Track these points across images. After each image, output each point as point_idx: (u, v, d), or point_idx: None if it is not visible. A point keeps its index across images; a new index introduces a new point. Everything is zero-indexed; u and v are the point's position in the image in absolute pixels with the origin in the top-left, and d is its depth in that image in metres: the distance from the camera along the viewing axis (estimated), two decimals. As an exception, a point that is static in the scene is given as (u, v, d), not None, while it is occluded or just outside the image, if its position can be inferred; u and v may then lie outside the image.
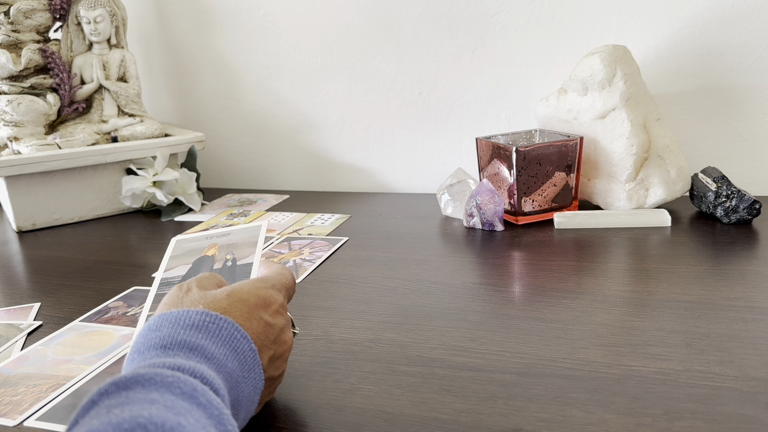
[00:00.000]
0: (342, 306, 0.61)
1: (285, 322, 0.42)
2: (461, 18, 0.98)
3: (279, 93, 1.15)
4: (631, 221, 0.79)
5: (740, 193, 0.76)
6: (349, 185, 1.14)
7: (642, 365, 0.47)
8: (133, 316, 0.63)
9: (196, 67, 1.20)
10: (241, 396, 0.37)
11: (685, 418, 0.40)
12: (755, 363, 0.46)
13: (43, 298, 0.69)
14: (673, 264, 0.66)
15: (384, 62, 1.05)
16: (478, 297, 0.61)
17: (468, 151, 1.03)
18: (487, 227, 0.81)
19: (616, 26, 0.91)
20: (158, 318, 0.38)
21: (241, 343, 0.37)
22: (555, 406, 0.42)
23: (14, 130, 0.98)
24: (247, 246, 0.52)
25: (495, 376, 0.47)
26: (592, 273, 0.65)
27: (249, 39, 1.14)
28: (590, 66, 0.80)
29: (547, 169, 0.81)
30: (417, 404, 0.44)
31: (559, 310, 0.57)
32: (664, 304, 0.56)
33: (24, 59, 0.98)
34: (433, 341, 0.53)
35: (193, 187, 1.03)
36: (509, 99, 1.00)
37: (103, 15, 1.02)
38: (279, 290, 0.44)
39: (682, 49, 0.89)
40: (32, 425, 0.45)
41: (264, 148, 1.19)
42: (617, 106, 0.80)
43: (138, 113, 1.07)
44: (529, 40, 0.96)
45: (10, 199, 0.94)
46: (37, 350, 0.57)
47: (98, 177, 1.00)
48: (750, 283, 0.60)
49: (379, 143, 1.10)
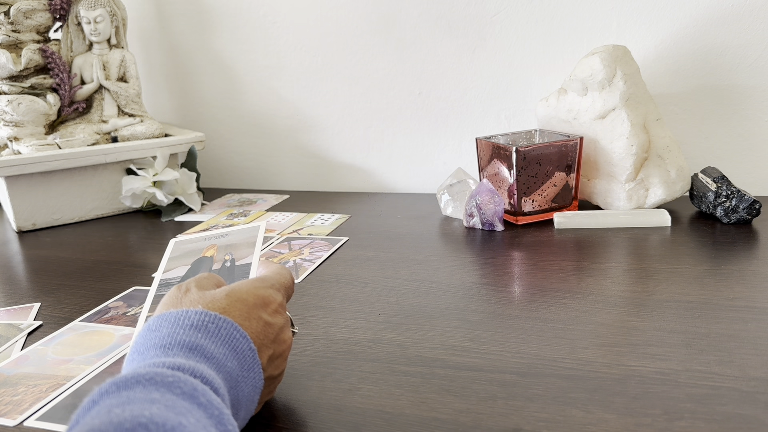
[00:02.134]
0: (342, 306, 0.61)
1: (284, 321, 0.43)
2: (461, 18, 0.98)
3: (279, 93, 1.15)
4: (631, 221, 0.79)
5: (740, 193, 0.76)
6: (349, 185, 1.14)
7: (642, 365, 0.47)
8: (133, 316, 0.63)
9: (196, 67, 1.20)
10: (241, 395, 0.37)
11: (685, 418, 0.40)
12: (755, 363, 0.46)
13: (43, 298, 0.69)
14: (673, 264, 0.66)
15: (384, 62, 1.05)
16: (478, 297, 0.61)
17: (468, 151, 1.03)
18: (487, 227, 0.81)
19: (616, 26, 0.91)
20: (158, 318, 0.38)
21: (241, 343, 0.38)
22: (555, 406, 0.42)
23: (14, 130, 0.98)
24: (245, 246, 0.52)
25: (495, 376, 0.47)
26: (592, 273, 0.65)
27: (249, 39, 1.14)
28: (590, 66, 0.80)
29: (547, 169, 0.81)
30: (417, 404, 0.44)
31: (559, 310, 0.57)
32: (664, 304, 0.56)
33: (24, 59, 0.98)
34: (433, 341, 0.53)
35: (193, 187, 1.03)
36: (509, 99, 1.00)
37: (103, 15, 1.02)
38: (278, 290, 0.44)
39: (682, 49, 0.89)
40: (32, 425, 0.45)
41: (264, 148, 1.19)
42: (617, 106, 0.80)
43: (138, 113, 1.07)
44: (529, 40, 0.96)
45: (10, 199, 0.94)
46: (37, 350, 0.57)
47: (98, 177, 1.00)
48: (750, 283, 0.60)
49: (378, 143, 1.10)
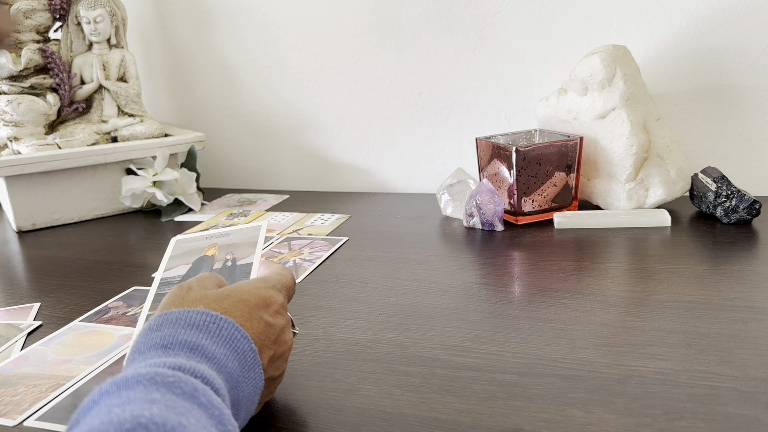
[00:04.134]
0: (342, 306, 0.61)
1: (285, 322, 0.43)
2: (461, 18, 0.99)
3: (279, 93, 1.15)
4: (631, 221, 0.79)
5: (740, 193, 0.76)
6: (349, 185, 1.14)
7: (642, 365, 0.47)
8: (133, 316, 0.63)
9: (196, 67, 1.20)
10: (242, 396, 0.37)
11: (685, 418, 0.40)
12: (755, 363, 0.46)
13: (43, 298, 0.69)
14: (673, 264, 0.66)
15: (384, 62, 1.05)
16: (478, 297, 0.61)
17: (468, 151, 1.03)
18: (487, 227, 0.81)
19: (616, 26, 0.91)
20: (159, 318, 0.38)
21: (242, 343, 0.38)
22: (555, 406, 0.42)
23: (14, 130, 0.98)
24: (247, 246, 0.52)
25: (495, 376, 0.47)
26: (592, 273, 0.65)
27: (249, 39, 1.14)
28: (590, 66, 0.80)
29: (547, 169, 0.81)
30: (417, 404, 0.44)
31: (559, 310, 0.57)
32: (664, 304, 0.56)
33: (24, 59, 0.98)
34: (433, 341, 0.53)
35: (193, 187, 1.03)
36: (509, 99, 1.00)
37: (103, 15, 1.02)
38: (279, 290, 0.44)
39: (682, 49, 0.89)
40: (32, 425, 0.45)
41: (264, 148, 1.19)
42: (617, 106, 0.80)
43: (138, 113, 1.07)
44: (529, 40, 0.96)
45: (10, 199, 0.94)
46: (37, 350, 0.57)
47: (98, 177, 1.00)
48: (750, 283, 0.60)
49: (379, 143, 1.10)
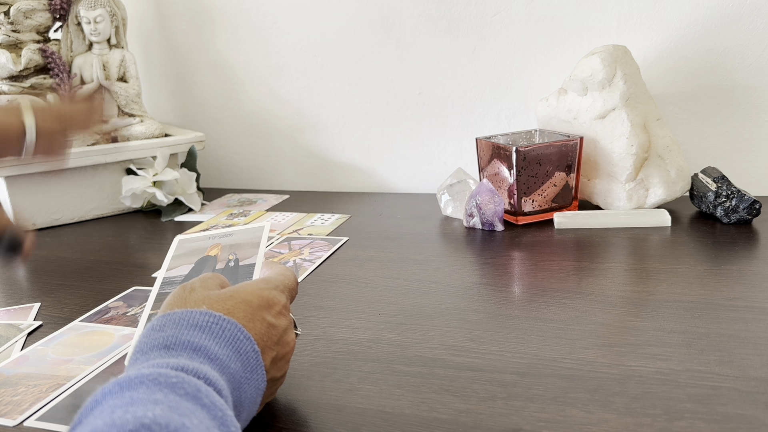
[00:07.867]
0: (342, 306, 0.62)
1: (288, 323, 0.43)
2: (461, 18, 0.99)
3: (279, 93, 1.15)
4: (631, 221, 0.79)
5: (740, 193, 0.76)
6: (349, 185, 1.14)
7: (642, 365, 0.47)
8: (133, 316, 0.63)
9: (196, 67, 1.20)
10: (244, 397, 0.37)
11: (685, 418, 0.40)
12: (755, 363, 0.46)
13: (43, 298, 0.69)
14: (673, 264, 0.66)
15: (384, 62, 1.05)
16: (478, 297, 0.62)
17: (468, 151, 1.04)
18: (487, 227, 0.81)
19: (616, 26, 0.91)
20: (162, 318, 0.38)
21: (244, 344, 0.38)
22: (555, 406, 0.42)
23: (14, 129, 0.98)
24: (249, 246, 0.52)
25: (495, 376, 0.47)
26: (592, 273, 0.65)
27: (249, 39, 1.14)
28: (590, 66, 0.80)
29: (547, 169, 0.81)
30: (417, 404, 0.44)
31: (559, 310, 0.57)
32: (664, 304, 0.56)
33: (24, 59, 0.98)
34: (433, 341, 0.53)
35: (193, 187, 1.03)
36: (509, 99, 1.00)
37: (103, 15, 1.02)
38: (282, 291, 0.44)
39: (682, 50, 0.89)
40: (32, 425, 0.45)
41: (264, 148, 1.19)
42: (617, 106, 0.80)
43: (138, 113, 1.07)
44: (529, 40, 0.96)
45: (10, 199, 0.94)
46: (37, 350, 0.57)
47: (98, 177, 1.00)
48: (750, 283, 0.60)
49: (379, 143, 1.10)
